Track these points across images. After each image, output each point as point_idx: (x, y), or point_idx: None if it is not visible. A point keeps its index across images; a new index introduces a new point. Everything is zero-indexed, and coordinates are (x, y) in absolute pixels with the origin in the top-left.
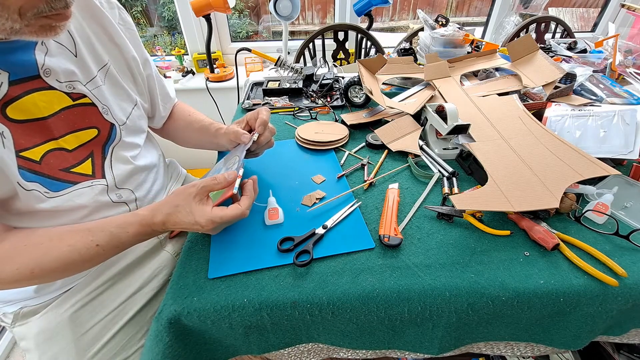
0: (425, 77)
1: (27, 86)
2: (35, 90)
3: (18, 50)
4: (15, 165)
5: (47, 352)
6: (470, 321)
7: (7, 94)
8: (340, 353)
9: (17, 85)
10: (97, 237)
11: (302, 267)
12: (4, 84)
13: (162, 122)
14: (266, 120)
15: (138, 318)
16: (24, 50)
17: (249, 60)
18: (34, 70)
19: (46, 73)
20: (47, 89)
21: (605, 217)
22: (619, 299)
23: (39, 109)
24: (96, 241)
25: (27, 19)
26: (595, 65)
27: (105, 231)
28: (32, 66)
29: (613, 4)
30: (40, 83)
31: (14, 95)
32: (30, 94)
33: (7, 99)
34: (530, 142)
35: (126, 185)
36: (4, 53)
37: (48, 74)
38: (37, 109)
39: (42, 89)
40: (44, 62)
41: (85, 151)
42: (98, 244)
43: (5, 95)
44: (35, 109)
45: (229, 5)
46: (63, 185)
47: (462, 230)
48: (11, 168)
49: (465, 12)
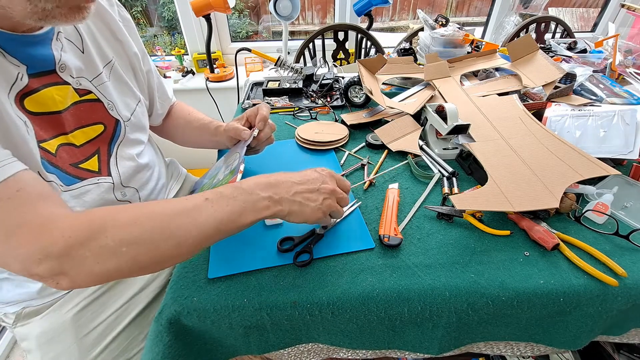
0: (425, 77)
1: (45, 80)
2: (52, 84)
3: (37, 44)
4: (39, 154)
5: (49, 353)
6: (470, 321)
7: (27, 86)
8: (340, 353)
9: (36, 79)
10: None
11: (302, 267)
12: (25, 76)
13: (159, 119)
14: (266, 116)
15: (140, 319)
16: (42, 45)
17: (249, 60)
18: (51, 64)
19: (62, 68)
20: (62, 84)
21: (605, 217)
22: (619, 299)
23: (55, 102)
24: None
25: None
26: (595, 65)
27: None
28: (50, 61)
29: (613, 4)
30: (56, 78)
31: (33, 88)
32: (47, 87)
33: (26, 91)
34: (530, 142)
35: (131, 184)
36: (24, 46)
37: (63, 69)
38: (54, 102)
39: (58, 83)
40: (60, 58)
41: (92, 147)
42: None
43: (26, 86)
44: (52, 102)
45: (229, 5)
46: (73, 180)
47: (462, 230)
48: (35, 156)
49: (465, 12)
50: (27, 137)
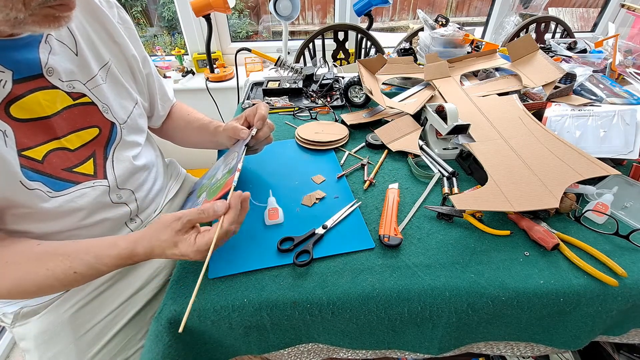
0: (425, 77)
1: (31, 85)
2: (38, 89)
3: (23, 48)
4: (18, 164)
5: (47, 352)
6: (470, 321)
7: (11, 93)
8: (340, 353)
9: (21, 84)
10: (75, 264)
11: (302, 267)
12: (8, 82)
13: (160, 121)
14: (264, 115)
15: (138, 319)
16: (29, 49)
17: (249, 60)
18: (38, 68)
19: (49, 72)
20: (50, 88)
21: (605, 217)
22: (619, 299)
23: (42, 108)
24: (74, 268)
25: (32, 8)
26: (595, 65)
27: (83, 260)
28: (36, 65)
29: (613, 4)
30: (43, 82)
31: (18, 94)
32: (33, 92)
33: (11, 98)
34: (530, 142)
35: (127, 186)
36: (9, 50)
37: (51, 73)
38: (41, 107)
39: (45, 88)
40: (47, 61)
41: (87, 151)
42: (76, 271)
43: (10, 93)
44: (39, 107)
45: (229, 5)
46: (65, 185)
47: (462, 230)
48: (13, 166)
49: (465, 12)
50: (2, 149)
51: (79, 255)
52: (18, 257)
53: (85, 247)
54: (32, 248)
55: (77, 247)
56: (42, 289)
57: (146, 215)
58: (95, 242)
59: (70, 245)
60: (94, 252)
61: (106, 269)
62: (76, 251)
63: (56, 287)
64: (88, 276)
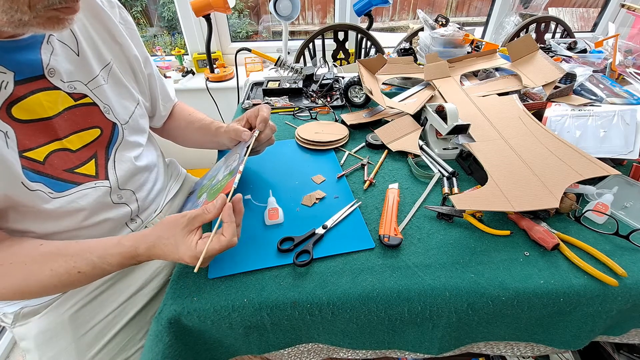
0: (425, 77)
1: (33, 86)
2: (40, 90)
3: (24, 49)
4: (19, 165)
5: (47, 352)
6: (470, 321)
7: (12, 94)
8: (340, 353)
9: (23, 85)
10: (79, 264)
11: (302, 267)
12: (10, 83)
13: (162, 121)
14: (267, 117)
15: (138, 318)
16: (30, 50)
17: (249, 60)
18: (39, 70)
19: (50, 73)
20: (51, 89)
21: (605, 217)
22: (619, 299)
23: (44, 109)
24: (78, 268)
25: (37, 10)
26: (595, 65)
27: (87, 259)
28: (38, 66)
29: (613, 4)
30: (45, 83)
31: (20, 95)
32: (35, 93)
33: (12, 99)
34: (530, 142)
35: (128, 186)
36: (11, 52)
37: (52, 74)
38: (42, 109)
39: (46, 89)
40: (49, 62)
41: (88, 152)
42: (80, 271)
43: (11, 95)
44: (40, 109)
45: (229, 5)
46: (67, 186)
47: (462, 230)
48: (15, 168)
49: (465, 12)
50: (4, 150)
51: (83, 255)
52: (22, 257)
53: (88, 246)
54: (35, 248)
55: (81, 247)
56: (47, 289)
57: (147, 216)
58: (99, 242)
59: (74, 245)
60: (98, 252)
61: (110, 268)
62: (80, 251)
63: (60, 287)
64: (92, 276)
